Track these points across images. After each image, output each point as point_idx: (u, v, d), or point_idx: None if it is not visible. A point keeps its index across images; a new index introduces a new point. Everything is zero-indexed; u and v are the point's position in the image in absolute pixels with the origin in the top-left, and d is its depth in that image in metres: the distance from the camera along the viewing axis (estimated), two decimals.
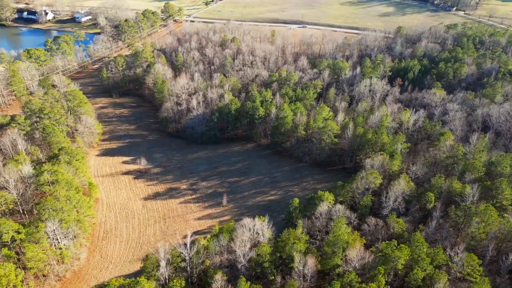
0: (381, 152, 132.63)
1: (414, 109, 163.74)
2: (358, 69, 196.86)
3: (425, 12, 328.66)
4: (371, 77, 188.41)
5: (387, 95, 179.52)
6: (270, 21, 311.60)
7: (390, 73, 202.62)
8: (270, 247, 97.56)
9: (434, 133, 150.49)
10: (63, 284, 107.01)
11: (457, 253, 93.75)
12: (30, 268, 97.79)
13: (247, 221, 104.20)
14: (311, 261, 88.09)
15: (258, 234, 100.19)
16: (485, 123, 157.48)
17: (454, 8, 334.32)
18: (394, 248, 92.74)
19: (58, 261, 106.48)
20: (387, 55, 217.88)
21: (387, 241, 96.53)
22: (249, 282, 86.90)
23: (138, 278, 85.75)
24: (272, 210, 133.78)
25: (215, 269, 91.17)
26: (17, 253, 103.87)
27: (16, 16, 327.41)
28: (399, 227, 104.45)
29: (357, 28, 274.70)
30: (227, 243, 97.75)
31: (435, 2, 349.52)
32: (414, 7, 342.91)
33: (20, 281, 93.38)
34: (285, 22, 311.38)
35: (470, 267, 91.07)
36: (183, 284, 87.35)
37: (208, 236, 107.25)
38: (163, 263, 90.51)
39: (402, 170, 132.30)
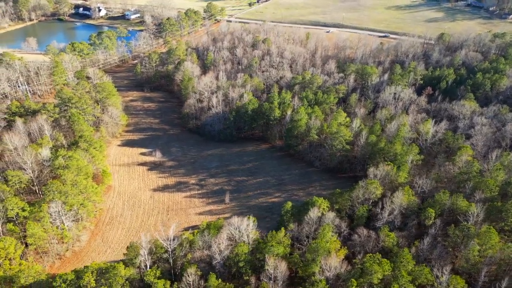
0: (388, 163, 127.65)
1: (439, 120, 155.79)
2: (386, 76, 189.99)
3: (477, 19, 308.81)
4: (399, 85, 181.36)
5: (412, 103, 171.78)
6: (310, 24, 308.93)
7: (422, 82, 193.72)
8: (251, 247, 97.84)
9: (454, 146, 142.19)
10: (62, 263, 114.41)
11: (443, 274, 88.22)
12: (31, 244, 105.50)
13: (235, 220, 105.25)
14: (282, 265, 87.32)
15: (242, 234, 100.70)
16: None
17: (511, 16, 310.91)
18: (377, 261, 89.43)
19: (59, 241, 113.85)
20: (422, 62, 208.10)
21: (370, 254, 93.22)
22: (220, 280, 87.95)
23: (116, 263, 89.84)
24: (272, 212, 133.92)
25: (192, 263, 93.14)
26: (25, 229, 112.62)
27: (73, 11, 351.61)
28: (389, 241, 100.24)
29: (396, 33, 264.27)
30: (210, 240, 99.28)
31: (490, 9, 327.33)
32: (466, 14, 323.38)
33: (20, 255, 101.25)
34: (325, 25, 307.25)
35: None
36: (158, 274, 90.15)
37: (195, 231, 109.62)
38: (142, 252, 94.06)
39: (411, 182, 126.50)
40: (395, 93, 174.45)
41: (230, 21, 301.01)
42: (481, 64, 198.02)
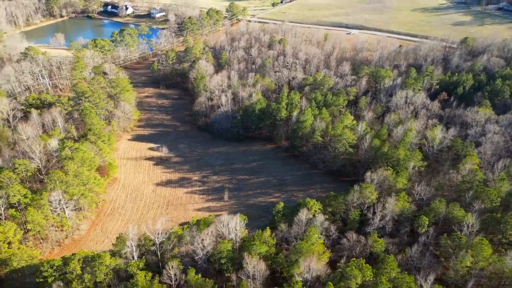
0: (388, 168, 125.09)
1: (453, 126, 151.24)
2: (400, 79, 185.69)
3: (508, 23, 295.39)
4: (413, 89, 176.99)
5: (422, 108, 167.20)
6: (332, 25, 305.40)
7: (438, 86, 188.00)
8: (235, 245, 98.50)
9: (463, 154, 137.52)
10: (61, 250, 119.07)
11: (428, 284, 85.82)
12: (30, 230, 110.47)
13: (225, 217, 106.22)
14: (261, 264, 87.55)
15: (230, 231, 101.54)
16: None
17: None
18: (359, 266, 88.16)
19: (58, 228, 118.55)
20: (441, 67, 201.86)
21: (355, 259, 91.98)
22: (200, 275, 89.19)
23: (102, 253, 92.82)
24: (269, 212, 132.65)
25: (176, 257, 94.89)
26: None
27: (101, 9, 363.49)
28: (378, 246, 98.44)
29: (415, 36, 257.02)
30: (197, 235, 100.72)
31: None
32: (496, 18, 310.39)
33: (19, 240, 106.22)
34: (347, 27, 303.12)
35: None
36: (141, 265, 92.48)
37: (185, 226, 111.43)
38: (129, 243, 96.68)
39: (410, 189, 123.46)
40: (406, 97, 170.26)
41: (250, 21, 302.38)
42: (502, 71, 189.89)
